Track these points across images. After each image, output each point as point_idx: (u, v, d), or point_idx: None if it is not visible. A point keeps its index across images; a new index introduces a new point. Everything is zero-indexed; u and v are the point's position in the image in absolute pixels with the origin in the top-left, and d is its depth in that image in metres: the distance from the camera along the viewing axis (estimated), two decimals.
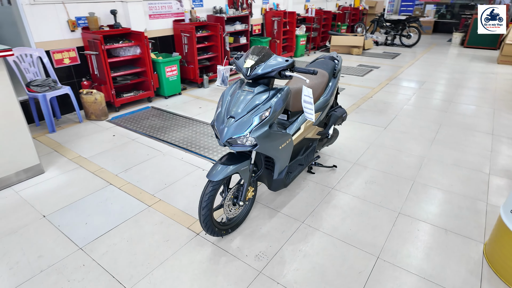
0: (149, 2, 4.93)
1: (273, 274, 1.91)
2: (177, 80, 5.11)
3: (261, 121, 1.88)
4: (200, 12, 5.80)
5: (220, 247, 2.12)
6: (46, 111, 3.70)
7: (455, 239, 2.19)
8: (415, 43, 9.47)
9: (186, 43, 5.29)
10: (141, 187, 2.76)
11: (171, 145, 3.51)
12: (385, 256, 2.04)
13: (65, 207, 2.50)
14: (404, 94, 5.26)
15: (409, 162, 3.15)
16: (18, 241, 2.16)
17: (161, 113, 4.46)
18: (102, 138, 3.69)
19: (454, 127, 3.95)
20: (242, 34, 6.47)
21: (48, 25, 3.90)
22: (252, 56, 1.97)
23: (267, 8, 7.38)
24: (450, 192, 2.69)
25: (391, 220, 2.37)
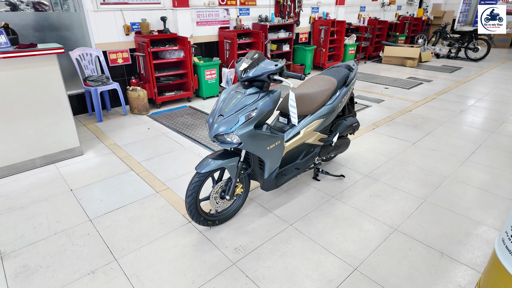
0: (198, 10, 5.35)
1: (245, 267, 1.99)
2: (216, 83, 5.43)
3: (246, 121, 2.00)
4: (246, 20, 6.09)
5: (206, 236, 2.26)
6: (96, 103, 4.27)
7: (448, 264, 2.02)
8: (482, 57, 8.58)
9: (228, 49, 5.60)
10: (156, 175, 3.04)
11: (194, 141, 3.78)
12: (363, 269, 1.98)
13: (89, 185, 2.89)
14: (449, 110, 4.85)
15: (427, 180, 2.94)
16: (46, 207, 2.58)
17: (196, 112, 4.80)
18: (138, 130, 4.12)
19: (496, 150, 3.55)
20: (286, 42, 6.60)
21: (107, 29, 4.51)
22: (246, 60, 2.10)
23: (316, 17, 7.40)
24: (463, 216, 2.46)
25: (384, 235, 2.26)
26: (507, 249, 1.58)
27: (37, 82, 2.95)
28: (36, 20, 4.18)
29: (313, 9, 7.34)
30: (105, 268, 1.98)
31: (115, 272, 1.96)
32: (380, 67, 7.96)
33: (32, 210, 2.54)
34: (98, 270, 1.97)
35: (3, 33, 2.77)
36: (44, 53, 2.84)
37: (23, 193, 2.77)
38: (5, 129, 2.89)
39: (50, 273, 1.95)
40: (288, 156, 2.49)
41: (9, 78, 2.80)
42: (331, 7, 7.76)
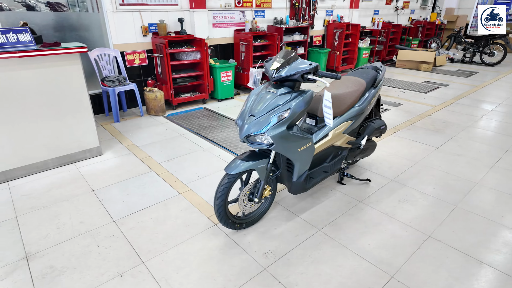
0: (214, 12, 5.34)
1: (277, 273, 1.93)
2: (231, 85, 5.40)
3: (279, 121, 1.94)
4: (262, 23, 6.07)
5: (233, 239, 2.20)
6: (114, 103, 4.26)
7: (489, 273, 1.93)
8: (499, 61, 8.44)
9: (243, 51, 5.57)
10: (177, 176, 3.00)
11: (212, 143, 3.73)
12: (400, 277, 1.90)
13: (111, 185, 2.85)
14: (470, 114, 4.75)
15: (456, 186, 2.85)
16: (68, 207, 2.54)
17: (212, 114, 4.76)
18: (156, 131, 4.09)
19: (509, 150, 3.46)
20: (300, 44, 6.56)
21: (125, 29, 4.51)
22: (278, 59, 2.05)
23: (330, 20, 7.36)
24: (498, 223, 2.37)
25: (417, 242, 2.18)
26: None
27: (60, 81, 2.93)
28: (56, 20, 4.19)
29: (327, 12, 7.30)
30: (133, 271, 1.93)
31: (143, 275, 1.90)
32: (394, 71, 7.87)
33: (55, 210, 2.51)
34: (126, 273, 1.91)
35: (28, 32, 2.76)
36: (69, 52, 2.82)
37: (45, 192, 2.74)
38: (27, 127, 2.88)
39: (77, 275, 1.90)
40: (316, 158, 2.43)
41: (33, 77, 2.79)
42: (345, 10, 7.71)
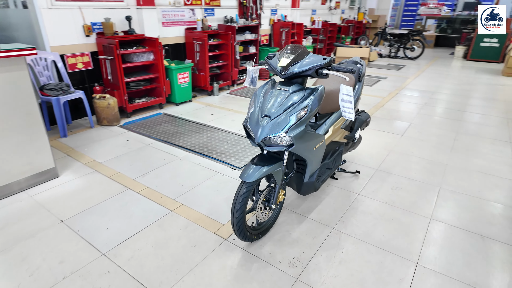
0: (163, 10, 4.94)
1: (311, 281, 1.82)
2: (189, 87, 5.08)
3: (298, 120, 1.83)
4: (212, 21, 5.83)
5: (251, 252, 2.02)
6: (59, 115, 3.63)
7: (493, 245, 2.11)
8: (418, 55, 9.58)
9: (198, 51, 5.28)
10: (161, 192, 2.66)
11: (187, 150, 3.43)
12: (424, 263, 1.95)
13: (84, 212, 2.40)
14: (415, 103, 5.26)
15: (432, 169, 3.09)
16: (37, 246, 2.05)
17: (174, 119, 4.40)
18: (116, 143, 3.61)
19: (472, 136, 3.92)
20: (252, 43, 6.50)
21: (63, 29, 3.88)
22: (287, 55, 1.93)
23: (275, 19, 7.46)
24: (480, 198, 2.63)
25: (424, 226, 2.29)
26: None
27: (3, 91, 2.36)
28: None
29: (272, 11, 7.37)
30: None
31: None
32: None
33: (18, 251, 2.00)
34: None
35: None
36: (14, 55, 2.28)
37: None
38: None
39: None
40: None
41: None
42: (287, 10, 7.90)
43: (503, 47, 8.77)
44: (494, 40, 8.82)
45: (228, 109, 4.86)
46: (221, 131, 3.95)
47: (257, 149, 3.44)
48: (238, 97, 5.50)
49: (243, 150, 3.43)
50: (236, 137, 3.77)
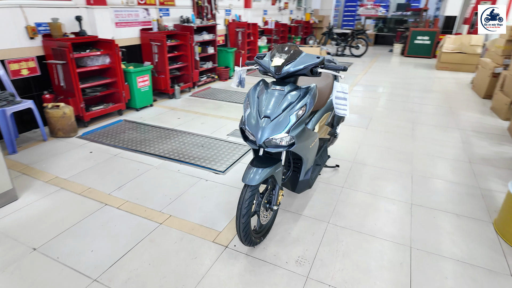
0: (116, 10, 4.61)
1: (321, 277, 1.84)
2: (149, 91, 4.81)
3: (298, 120, 1.84)
4: (167, 21, 5.60)
5: (256, 257, 1.98)
6: (6, 129, 3.19)
7: (468, 222, 2.34)
8: (363, 53, 10.26)
9: (157, 52, 5.03)
10: (144, 205, 2.48)
11: (161, 158, 3.25)
12: (416, 246, 2.09)
13: (59, 236, 2.14)
14: (370, 98, 5.62)
15: (402, 158, 3.33)
16: (10, 281, 1.77)
17: (137, 126, 4.13)
18: (78, 156, 3.28)
19: (426, 125, 4.31)
20: (209, 44, 6.38)
21: (2, 31, 3.40)
22: (280, 54, 1.93)
23: (230, 19, 7.41)
24: (446, 181, 2.90)
25: (407, 211, 2.45)
26: None
27: None
28: None
29: (226, 11, 7.31)
30: None
31: None
32: None
33: None
34: None
35: None
36: None
37: None
38: None
39: None
40: None
41: None
42: (240, 10, 7.90)
43: (433, 44, 9.79)
44: (426, 38, 9.81)
45: (195, 112, 4.71)
46: (193, 135, 3.81)
47: (240, 151, 3.39)
48: (202, 99, 5.36)
49: (221, 154, 3.35)
50: (210, 141, 3.67)
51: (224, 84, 6.44)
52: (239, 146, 3.53)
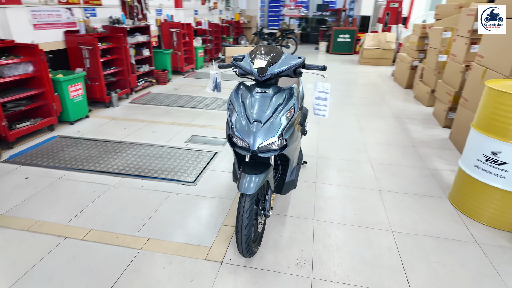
0: (32, 9, 3.95)
1: (324, 275, 1.85)
2: (84, 100, 4.28)
3: (289, 121, 1.81)
4: (95, 22, 5.03)
5: (255, 267, 1.90)
6: None
7: (429, 200, 2.62)
8: (293, 52, 10.75)
9: (88, 57, 4.48)
10: (113, 231, 2.19)
11: (117, 175, 2.91)
12: (396, 229, 2.26)
13: (15, 284, 1.74)
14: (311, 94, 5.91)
15: (357, 148, 3.57)
16: None
17: (77, 141, 3.63)
18: (11, 184, 2.74)
19: (367, 116, 4.71)
20: (144, 46, 5.94)
21: None
22: (262, 56, 1.88)
23: (162, 19, 7.01)
24: (401, 165, 3.20)
25: (378, 197, 2.64)
26: (483, 170, 2.24)
27: None
28: None
29: (157, 11, 6.90)
30: None
31: None
32: None
33: None
34: None
35: None
36: None
37: None
38: None
39: None
40: None
41: None
42: (171, 10, 7.54)
43: (353, 42, 10.76)
44: (347, 36, 10.72)
45: (140, 120, 4.34)
46: (147, 146, 3.51)
47: (204, 158, 3.22)
48: (145, 106, 4.97)
49: (184, 163, 3.15)
50: (168, 150, 3.42)
51: (164, 88, 6.08)
52: (202, 153, 3.36)
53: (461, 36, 4.00)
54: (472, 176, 2.33)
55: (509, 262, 1.97)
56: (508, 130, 2.10)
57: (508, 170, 2.12)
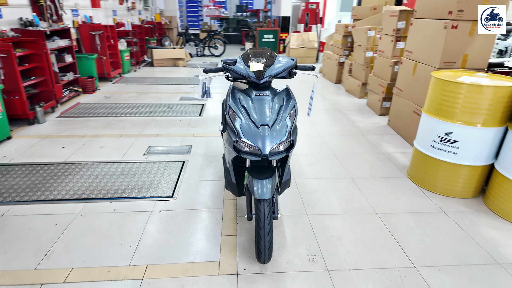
0: None
1: (336, 266, 1.94)
2: (3, 118, 3.57)
3: (293, 122, 1.83)
4: (1, 25, 4.21)
5: (272, 271, 1.88)
6: None
7: (394, 181, 2.94)
8: (222, 52, 10.72)
9: (1, 67, 3.74)
10: (101, 264, 1.90)
11: (78, 201, 2.53)
12: (378, 211, 2.49)
13: None
14: None
15: (316, 142, 3.79)
16: None
17: (7, 168, 3.02)
18: None
19: (315, 110, 5.01)
20: (65, 51, 5.21)
21: None
22: (257, 59, 1.86)
23: (80, 21, 6.25)
24: (360, 153, 3.51)
25: (352, 185, 2.86)
26: (439, 149, 2.62)
27: None
28: None
29: (73, 11, 6.12)
30: None
31: None
32: (160, 70, 8.05)
33: None
34: None
35: None
36: None
37: None
38: None
39: None
40: None
41: None
42: (88, 10, 6.78)
43: (277, 41, 11.26)
44: (271, 36, 11.15)
45: (80, 135, 3.82)
46: (101, 164, 3.12)
47: (172, 169, 3.00)
48: (79, 119, 4.39)
49: (152, 177, 2.90)
50: (129, 165, 3.10)
51: (94, 97, 5.46)
52: (168, 164, 3.14)
53: (386, 34, 4.57)
54: (429, 155, 2.71)
55: (471, 223, 2.35)
56: (455, 113, 2.50)
57: (459, 147, 2.52)
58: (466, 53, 3.15)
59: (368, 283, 1.82)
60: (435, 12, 3.29)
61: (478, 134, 2.46)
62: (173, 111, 4.83)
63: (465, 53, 3.15)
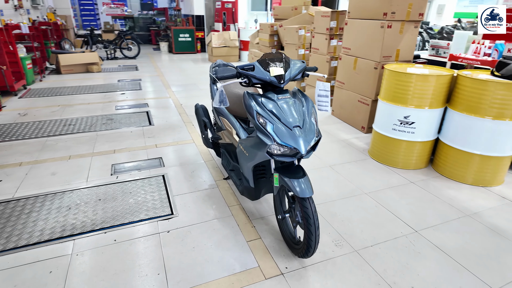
0: None
1: (359, 244, 2.16)
2: None
3: (316, 120, 1.95)
4: None
5: (311, 263, 1.99)
6: None
7: (363, 163, 3.34)
8: (137, 54, 9.95)
9: None
10: None
11: (63, 239, 2.14)
12: (364, 191, 2.82)
13: None
14: (197, 95, 5.87)
15: None
16: None
17: None
18: None
19: None
20: None
21: None
22: (275, 64, 1.91)
23: None
24: (325, 143, 3.84)
25: (334, 172, 3.14)
26: (400, 131, 3.11)
27: None
28: None
29: None
30: None
31: None
32: (72, 78, 7.03)
33: None
34: None
35: None
36: None
37: None
38: None
39: None
40: None
41: None
42: None
43: (194, 40, 11.04)
44: (187, 35, 10.88)
45: (16, 164, 3.16)
46: (64, 194, 2.68)
47: (152, 186, 2.76)
48: (1, 144, 3.58)
49: (137, 197, 2.64)
50: (100, 190, 2.74)
51: (3, 117, 4.51)
52: (146, 181, 2.89)
53: (319, 33, 5.04)
54: (391, 136, 3.18)
55: (435, 188, 2.89)
56: (408, 99, 3.00)
57: (415, 127, 3.04)
58: (398, 48, 3.76)
59: (392, 252, 2.10)
60: (369, 13, 3.81)
61: (427, 115, 3.02)
62: (117, 123, 4.36)
63: (398, 48, 3.76)
